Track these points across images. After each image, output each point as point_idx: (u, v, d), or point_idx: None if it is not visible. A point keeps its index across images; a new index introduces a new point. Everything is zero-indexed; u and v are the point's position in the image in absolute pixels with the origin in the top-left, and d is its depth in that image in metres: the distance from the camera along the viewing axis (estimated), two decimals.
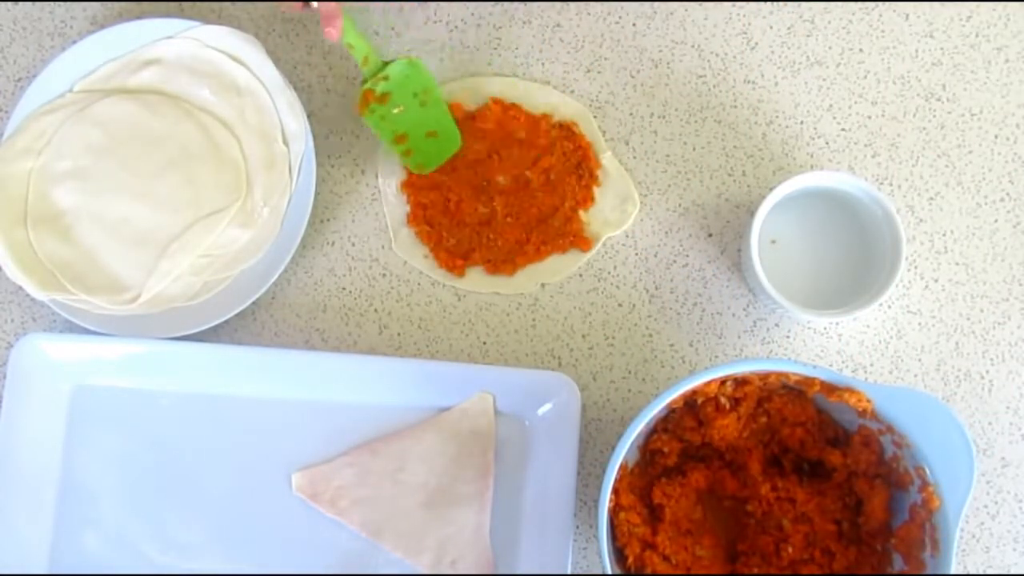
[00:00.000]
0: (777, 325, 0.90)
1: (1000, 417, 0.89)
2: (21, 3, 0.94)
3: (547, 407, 0.85)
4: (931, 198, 0.91)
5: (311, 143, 0.88)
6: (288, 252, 0.86)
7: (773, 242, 0.86)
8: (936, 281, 0.90)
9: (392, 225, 0.90)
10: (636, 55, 0.93)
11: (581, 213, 0.90)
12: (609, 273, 0.90)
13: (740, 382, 0.79)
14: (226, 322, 0.87)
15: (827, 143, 0.92)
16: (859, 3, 0.93)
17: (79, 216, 0.86)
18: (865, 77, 0.93)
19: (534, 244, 0.90)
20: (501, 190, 0.91)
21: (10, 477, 0.83)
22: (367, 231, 0.91)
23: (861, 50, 0.93)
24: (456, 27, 0.93)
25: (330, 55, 0.93)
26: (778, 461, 0.83)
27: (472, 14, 0.93)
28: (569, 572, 0.82)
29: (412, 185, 0.91)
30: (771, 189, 0.84)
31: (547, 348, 0.89)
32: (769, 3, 0.93)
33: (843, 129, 0.92)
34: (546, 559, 0.83)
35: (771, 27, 0.93)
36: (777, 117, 0.92)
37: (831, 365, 0.89)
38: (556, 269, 0.90)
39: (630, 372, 0.89)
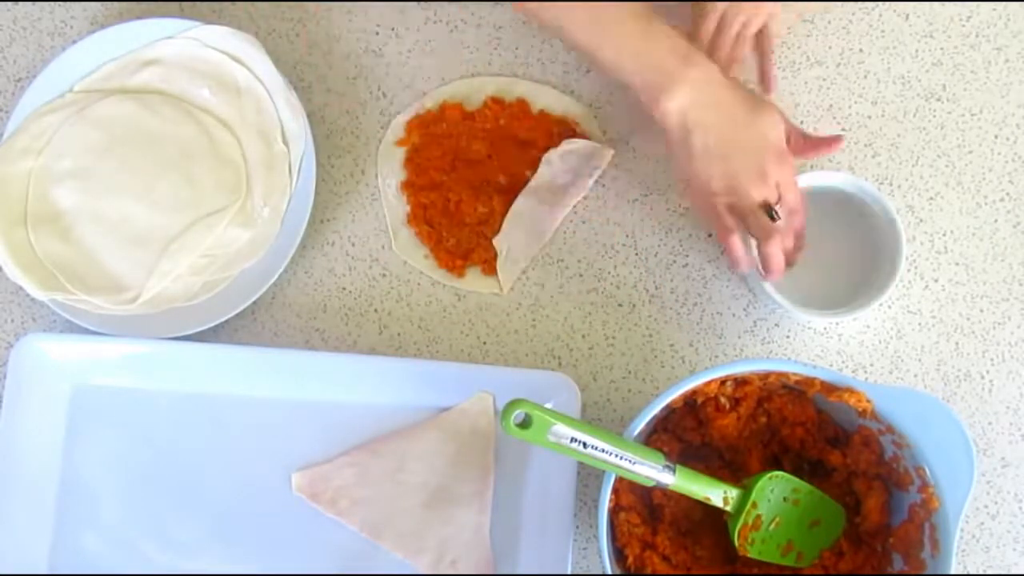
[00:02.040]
0: (777, 325, 0.90)
1: (1000, 417, 0.89)
2: (21, 3, 0.94)
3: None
4: (931, 198, 0.91)
5: (311, 143, 0.88)
6: (288, 252, 0.86)
7: None
8: (936, 281, 0.90)
9: (392, 225, 0.90)
10: None
11: None
12: (609, 273, 0.90)
13: (740, 382, 0.79)
14: (226, 322, 0.87)
15: None
16: (859, 3, 0.93)
17: (79, 216, 0.86)
18: (865, 77, 0.93)
19: None
20: (501, 190, 0.91)
21: (10, 477, 0.83)
22: (367, 231, 0.91)
23: (861, 50, 0.93)
24: (456, 27, 0.93)
25: (330, 55, 0.93)
26: (778, 461, 0.83)
27: (472, 14, 0.93)
28: (569, 572, 0.82)
29: (412, 185, 0.91)
30: None
31: (547, 348, 0.89)
32: (769, 3, 0.93)
33: (843, 129, 0.92)
34: (546, 559, 0.83)
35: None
36: None
37: (831, 365, 0.89)
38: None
39: (630, 372, 0.89)
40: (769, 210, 0.79)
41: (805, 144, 0.84)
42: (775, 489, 0.78)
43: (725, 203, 0.79)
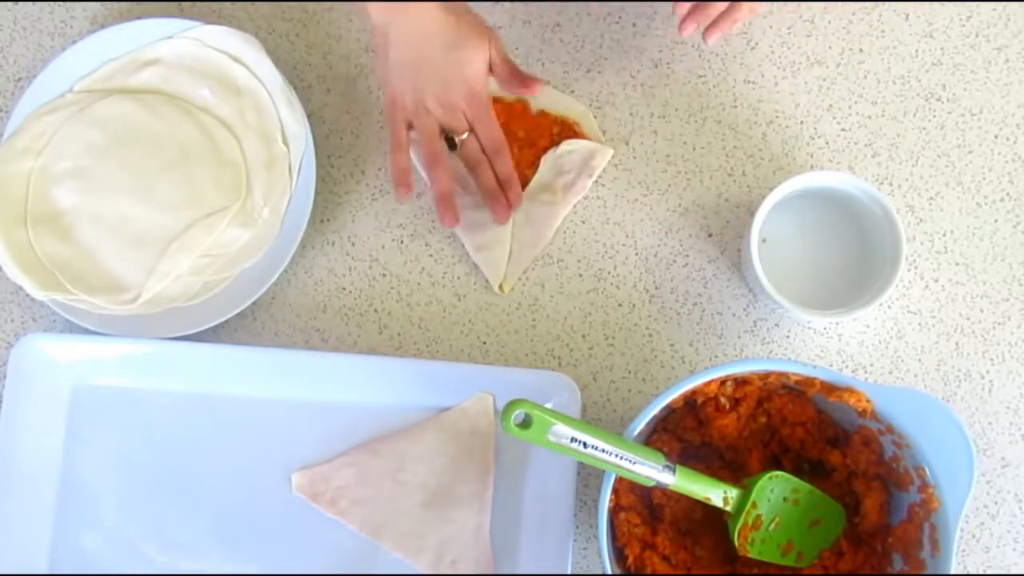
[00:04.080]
0: (777, 325, 0.90)
1: (1000, 417, 0.89)
2: (21, 3, 0.94)
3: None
4: (931, 198, 0.91)
5: (311, 143, 0.88)
6: (288, 252, 0.86)
7: (764, 240, 0.86)
8: (936, 281, 0.90)
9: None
10: (636, 55, 0.93)
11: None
12: (609, 273, 0.90)
13: (740, 382, 0.79)
14: (226, 322, 0.87)
15: (827, 143, 0.92)
16: (859, 3, 0.93)
17: (79, 216, 0.86)
18: (865, 77, 0.93)
19: None
20: None
21: (10, 477, 0.83)
22: (367, 231, 0.91)
23: (861, 50, 0.93)
24: None
25: (330, 55, 0.93)
26: (778, 461, 0.83)
27: None
28: (569, 572, 0.82)
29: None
30: (771, 189, 0.84)
31: (547, 348, 0.89)
32: (769, 3, 0.93)
33: (843, 129, 0.92)
34: (546, 559, 0.83)
35: (771, 27, 0.93)
36: (777, 117, 0.92)
37: (831, 365, 0.89)
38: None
39: (630, 372, 0.89)
40: (448, 138, 0.83)
41: (509, 78, 0.84)
42: (775, 489, 0.78)
43: (406, 118, 0.83)
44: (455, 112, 0.83)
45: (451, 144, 0.86)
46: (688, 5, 0.81)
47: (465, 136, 0.85)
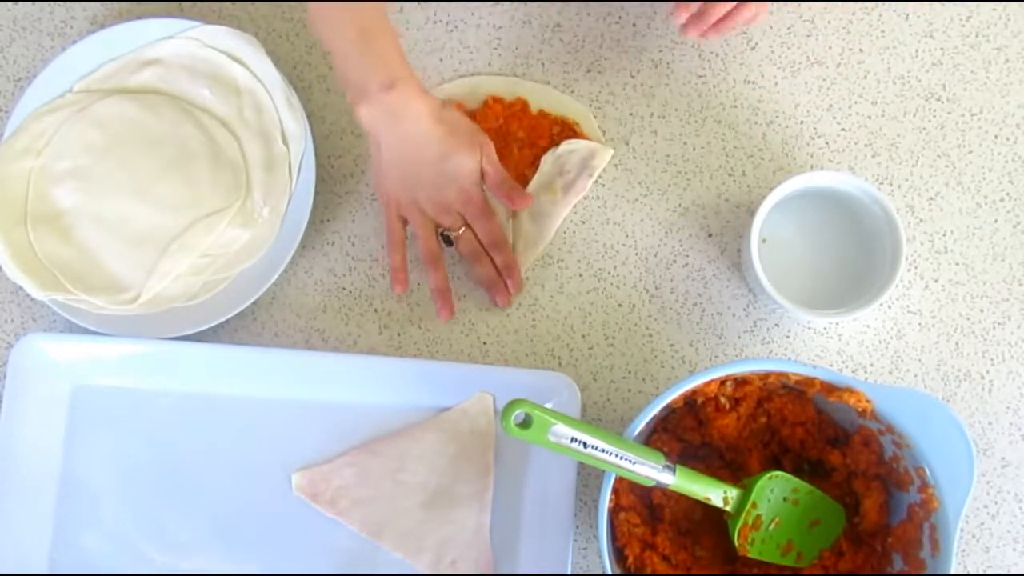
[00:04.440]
0: (777, 325, 0.90)
1: (1000, 417, 0.89)
2: (21, 3, 0.94)
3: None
4: (931, 198, 0.91)
5: (311, 143, 0.88)
6: (288, 252, 0.86)
7: (764, 240, 0.86)
8: (936, 281, 0.90)
9: None
10: (636, 55, 0.93)
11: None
12: (609, 273, 0.90)
13: (740, 382, 0.79)
14: (226, 322, 0.87)
15: (827, 143, 0.92)
16: (859, 3, 0.93)
17: (79, 216, 0.86)
18: (865, 77, 0.93)
19: None
20: None
21: (10, 477, 0.83)
22: (367, 231, 0.91)
23: (861, 50, 0.93)
24: (456, 27, 0.93)
25: (330, 55, 0.92)
26: (778, 461, 0.83)
27: (472, 14, 0.93)
28: (569, 572, 0.82)
29: None
30: (771, 189, 0.84)
31: (547, 348, 0.89)
32: (769, 3, 0.93)
33: (843, 129, 0.92)
34: (546, 559, 0.83)
35: (771, 27, 0.93)
36: (777, 117, 0.92)
37: (831, 365, 0.89)
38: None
39: (630, 372, 0.89)
40: (443, 235, 0.85)
41: (499, 187, 0.85)
42: (775, 489, 0.78)
43: (401, 215, 0.85)
44: (449, 212, 0.84)
45: (447, 241, 0.87)
46: (686, 15, 0.81)
47: (462, 231, 0.86)
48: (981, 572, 0.87)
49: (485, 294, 0.89)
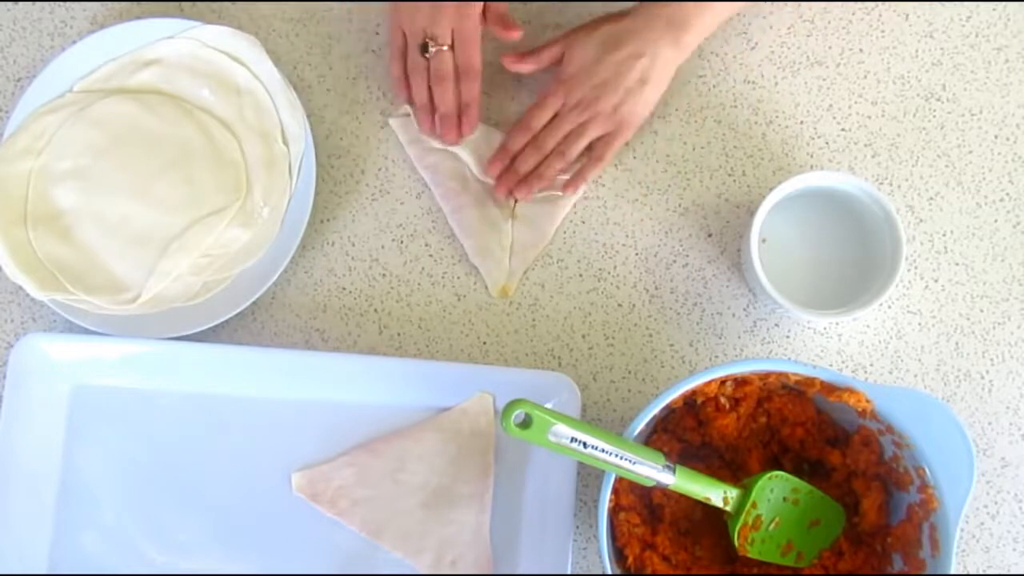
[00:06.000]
0: (777, 325, 0.90)
1: (1000, 417, 0.89)
2: (21, 3, 0.94)
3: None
4: (931, 198, 0.91)
5: (311, 143, 0.88)
6: (288, 252, 0.86)
7: (764, 240, 0.86)
8: (936, 281, 0.90)
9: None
10: None
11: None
12: (609, 273, 0.90)
13: (740, 382, 0.79)
14: (226, 322, 0.87)
15: (827, 143, 0.92)
16: (859, 3, 0.93)
17: (79, 216, 0.86)
18: (865, 77, 0.93)
19: None
20: None
21: (10, 477, 0.83)
22: (367, 231, 0.91)
23: (861, 50, 0.93)
24: None
25: (330, 55, 0.93)
26: (778, 461, 0.83)
27: None
28: (569, 572, 0.82)
29: None
30: (771, 189, 0.84)
31: (547, 348, 0.89)
32: (769, 3, 0.93)
33: (843, 129, 0.92)
34: (546, 559, 0.83)
35: (771, 27, 0.93)
36: (777, 117, 0.92)
37: (831, 365, 0.89)
38: None
39: (630, 372, 0.89)
40: (424, 45, 0.84)
41: (496, 14, 0.85)
42: (775, 489, 0.78)
43: (400, 21, 0.85)
44: (441, 21, 0.83)
45: (424, 50, 0.85)
46: (497, 170, 0.88)
47: (444, 49, 0.85)
48: (981, 572, 0.87)
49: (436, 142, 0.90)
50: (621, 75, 0.84)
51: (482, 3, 0.84)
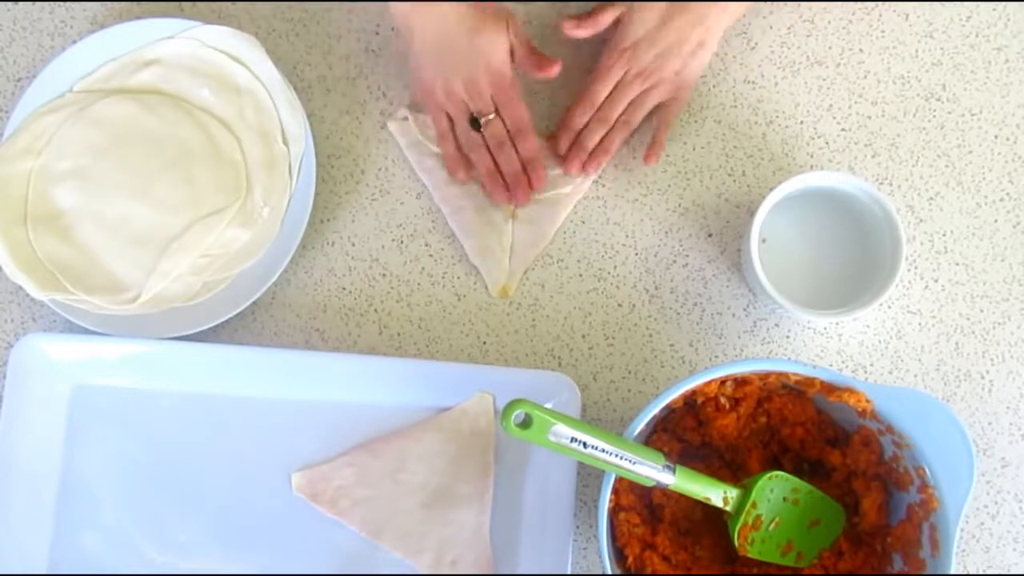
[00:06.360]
0: (777, 325, 0.90)
1: (1000, 417, 0.89)
2: (21, 3, 0.94)
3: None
4: (931, 198, 0.91)
5: (311, 143, 0.88)
6: (288, 252, 0.86)
7: (764, 241, 0.86)
8: (936, 281, 0.90)
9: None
10: None
11: None
12: (609, 273, 0.90)
13: (740, 382, 0.79)
14: (226, 322, 0.87)
15: (827, 143, 0.92)
16: (859, 3, 0.93)
17: (79, 216, 0.86)
18: (865, 77, 0.93)
19: None
20: None
21: (10, 477, 0.83)
22: (367, 231, 0.91)
23: (861, 50, 0.93)
24: None
25: (330, 55, 0.93)
26: (778, 461, 0.83)
27: None
28: (569, 572, 0.82)
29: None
30: (771, 189, 0.84)
31: (547, 348, 0.89)
32: (769, 3, 0.93)
33: (843, 129, 0.92)
34: (546, 559, 0.83)
35: (771, 27, 0.93)
36: (777, 117, 0.92)
37: (831, 365, 0.89)
38: None
39: (630, 372, 0.89)
40: (474, 120, 0.86)
41: (527, 60, 0.86)
42: (775, 489, 0.78)
43: (441, 107, 0.87)
44: (481, 95, 0.85)
45: (475, 125, 0.87)
46: (564, 147, 0.88)
47: (492, 117, 0.86)
48: (981, 572, 0.87)
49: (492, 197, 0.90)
50: (683, 40, 0.85)
51: (508, 50, 0.84)
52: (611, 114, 0.88)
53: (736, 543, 0.77)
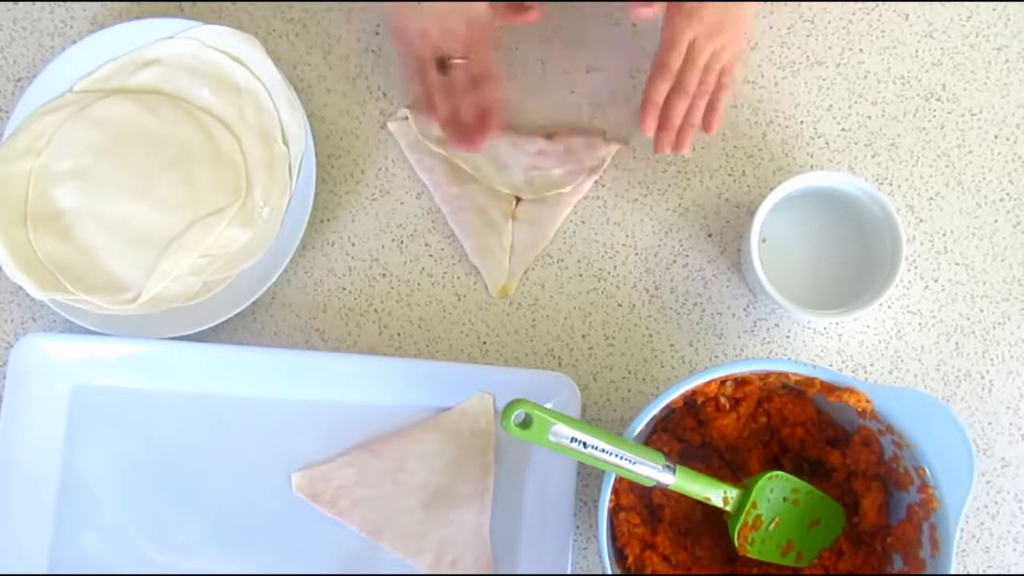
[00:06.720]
0: (777, 325, 0.90)
1: (1000, 417, 0.89)
2: (21, 3, 0.94)
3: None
4: (931, 198, 0.91)
5: (311, 143, 0.88)
6: (288, 252, 0.86)
7: (764, 241, 0.86)
8: (936, 281, 0.90)
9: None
10: (636, 55, 0.92)
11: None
12: (609, 273, 0.90)
13: (740, 382, 0.79)
14: (226, 322, 0.87)
15: (827, 143, 0.92)
16: (859, 3, 0.93)
17: (79, 216, 0.86)
18: (865, 77, 0.93)
19: None
20: None
21: (10, 477, 0.83)
22: (367, 231, 0.91)
23: (861, 50, 0.93)
24: None
25: (330, 55, 0.93)
26: (778, 461, 0.83)
27: None
28: (569, 572, 0.82)
29: None
30: (771, 189, 0.84)
31: (547, 348, 0.89)
32: (769, 3, 0.93)
33: (843, 129, 0.92)
34: (546, 559, 0.83)
35: (771, 27, 0.93)
36: (777, 117, 0.92)
37: (831, 365, 0.89)
38: None
39: (630, 372, 0.89)
40: (441, 62, 0.82)
41: (507, 5, 0.85)
42: (775, 489, 0.78)
43: (411, 50, 0.82)
44: (454, 35, 0.82)
45: (443, 67, 0.83)
46: (652, 127, 0.86)
47: (460, 61, 0.83)
48: (981, 572, 0.87)
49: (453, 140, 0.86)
50: None
51: (487, 2, 0.83)
52: (690, 82, 0.85)
53: (736, 543, 0.77)
